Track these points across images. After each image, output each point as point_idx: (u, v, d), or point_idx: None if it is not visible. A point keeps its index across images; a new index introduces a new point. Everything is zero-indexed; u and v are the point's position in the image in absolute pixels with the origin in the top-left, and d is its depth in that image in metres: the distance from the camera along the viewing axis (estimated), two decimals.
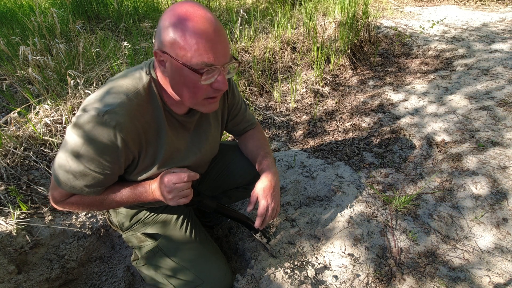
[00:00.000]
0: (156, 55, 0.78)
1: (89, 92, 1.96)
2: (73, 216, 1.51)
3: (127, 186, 0.93)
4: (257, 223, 1.04)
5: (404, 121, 2.24)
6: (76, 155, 0.79)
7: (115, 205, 0.94)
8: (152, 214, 1.16)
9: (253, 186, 1.27)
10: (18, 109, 1.79)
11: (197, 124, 1.02)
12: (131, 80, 0.84)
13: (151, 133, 0.88)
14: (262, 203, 1.03)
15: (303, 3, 3.72)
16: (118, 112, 0.77)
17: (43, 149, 1.71)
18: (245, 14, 2.79)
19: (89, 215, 1.55)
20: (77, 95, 1.95)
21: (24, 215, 1.42)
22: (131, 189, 0.93)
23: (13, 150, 1.62)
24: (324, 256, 1.29)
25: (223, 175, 1.29)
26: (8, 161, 1.58)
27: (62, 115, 1.86)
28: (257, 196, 1.04)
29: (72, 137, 0.78)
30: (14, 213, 1.39)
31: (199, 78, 0.76)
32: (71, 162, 0.80)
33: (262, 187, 1.04)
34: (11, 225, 1.35)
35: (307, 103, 2.64)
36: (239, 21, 2.65)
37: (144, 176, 0.93)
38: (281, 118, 2.44)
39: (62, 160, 0.81)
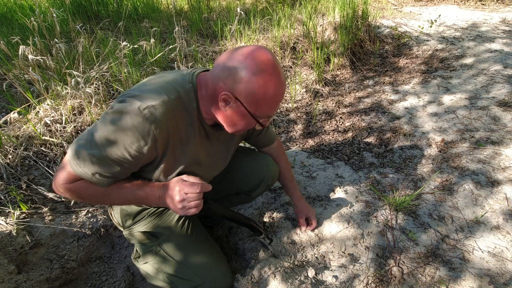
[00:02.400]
0: (224, 95, 0.81)
1: (89, 91, 1.96)
2: (73, 216, 1.51)
3: (135, 185, 0.91)
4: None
5: (404, 121, 2.24)
6: (104, 140, 0.78)
7: (117, 202, 0.93)
8: (154, 213, 1.16)
9: (256, 194, 1.35)
10: (18, 109, 1.79)
11: (220, 137, 1.04)
12: (173, 83, 0.86)
13: (181, 137, 0.89)
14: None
15: (302, 3, 3.72)
16: (158, 109, 0.79)
17: (43, 149, 1.71)
18: (241, 12, 2.78)
19: (89, 214, 1.55)
20: (77, 95, 1.95)
21: (24, 215, 1.42)
22: (138, 189, 0.91)
23: (13, 150, 1.62)
24: (324, 256, 1.30)
25: (226, 180, 1.29)
26: (8, 161, 1.58)
27: (62, 115, 1.86)
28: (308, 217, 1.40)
29: (106, 122, 0.78)
30: (14, 213, 1.39)
31: (256, 124, 0.89)
32: (95, 145, 0.79)
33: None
34: (11, 225, 1.35)
35: (307, 103, 2.64)
36: (236, 19, 2.64)
37: (163, 178, 0.93)
38: (281, 118, 2.44)
39: (87, 141, 0.80)
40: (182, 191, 0.85)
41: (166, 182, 0.92)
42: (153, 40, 2.43)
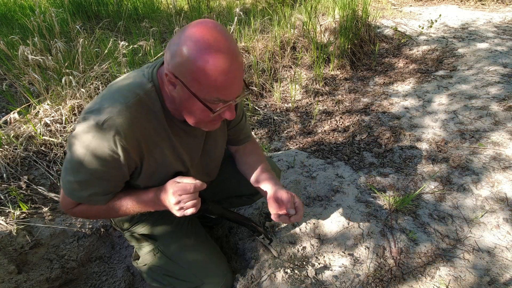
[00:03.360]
0: (167, 76, 0.75)
1: (88, 91, 1.96)
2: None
3: (134, 195, 0.92)
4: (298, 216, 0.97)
5: (404, 121, 2.24)
6: (79, 166, 0.79)
7: (121, 214, 0.93)
8: (153, 214, 1.16)
9: (258, 197, 1.28)
10: (18, 109, 1.79)
11: (196, 132, 1.00)
12: (131, 86, 0.82)
13: (153, 140, 0.87)
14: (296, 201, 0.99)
15: (302, 3, 3.72)
16: (117, 120, 0.76)
17: (43, 149, 1.71)
18: (241, 13, 2.79)
19: None
20: (77, 95, 1.95)
21: (24, 215, 1.42)
22: (137, 198, 0.92)
23: (13, 150, 1.62)
24: (324, 256, 1.30)
25: (227, 182, 1.28)
26: (8, 161, 1.58)
27: (62, 115, 1.86)
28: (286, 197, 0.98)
29: (74, 148, 0.78)
30: (14, 213, 1.39)
31: (210, 112, 0.77)
32: (75, 172, 0.81)
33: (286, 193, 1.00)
34: (11, 225, 1.35)
35: (307, 103, 2.64)
36: (235, 20, 2.64)
37: (149, 183, 0.93)
38: (281, 118, 2.44)
39: (67, 170, 0.82)
40: (176, 193, 0.84)
41: (161, 186, 0.90)
42: (152, 40, 2.43)
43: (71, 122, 1.86)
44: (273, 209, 0.99)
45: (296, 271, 1.22)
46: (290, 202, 0.97)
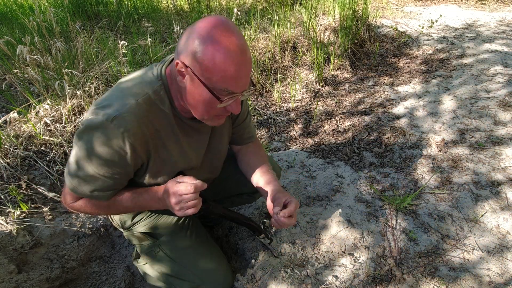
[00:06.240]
0: (177, 65, 0.76)
1: (88, 91, 1.96)
2: (73, 216, 1.51)
3: (135, 193, 0.92)
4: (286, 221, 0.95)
5: (404, 120, 2.24)
6: (85, 161, 0.80)
7: (122, 211, 0.94)
8: (153, 213, 1.16)
9: (259, 195, 1.26)
10: (18, 109, 1.79)
11: (203, 129, 1.00)
12: (141, 84, 0.83)
13: (161, 138, 0.87)
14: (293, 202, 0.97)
15: (303, 3, 3.72)
16: (126, 117, 0.77)
17: (43, 148, 1.71)
18: (238, 13, 2.78)
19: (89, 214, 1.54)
20: (77, 94, 1.95)
21: (24, 214, 1.42)
22: (139, 196, 0.92)
23: (13, 150, 1.62)
24: (324, 256, 1.30)
25: (229, 180, 1.28)
26: (8, 161, 1.58)
27: (62, 115, 1.86)
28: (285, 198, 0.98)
29: (81, 143, 0.79)
30: (14, 213, 1.39)
31: (217, 102, 0.78)
32: (80, 167, 0.81)
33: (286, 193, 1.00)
34: (11, 224, 1.35)
35: (307, 102, 2.64)
36: (233, 18, 2.64)
37: (153, 180, 0.93)
38: (281, 118, 2.44)
39: (72, 164, 0.82)
40: (177, 193, 0.84)
41: (162, 185, 0.91)
42: (152, 39, 2.43)
43: (71, 122, 1.86)
44: (270, 212, 1.00)
45: (296, 271, 1.22)
46: (280, 202, 0.96)
